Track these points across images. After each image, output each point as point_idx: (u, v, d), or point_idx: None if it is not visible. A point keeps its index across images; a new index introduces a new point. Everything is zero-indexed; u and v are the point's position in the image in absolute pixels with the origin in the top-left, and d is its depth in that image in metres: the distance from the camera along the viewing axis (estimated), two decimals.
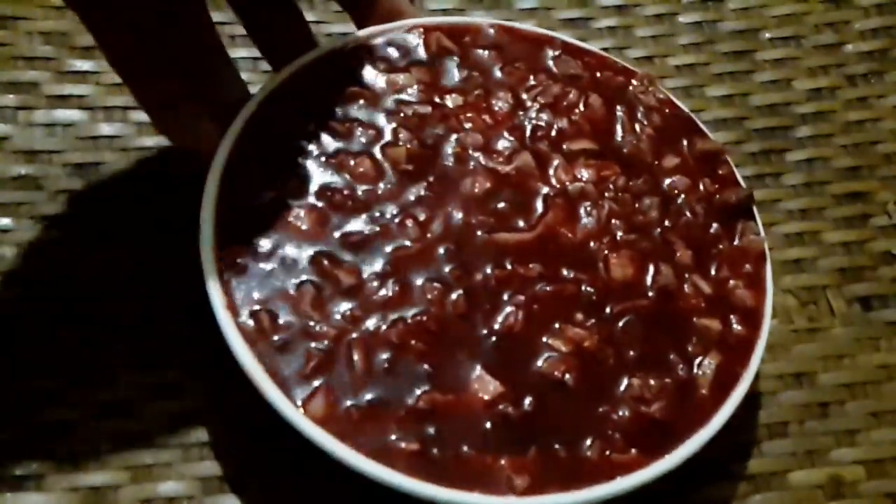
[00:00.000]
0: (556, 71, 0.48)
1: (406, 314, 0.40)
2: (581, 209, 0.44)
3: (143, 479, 0.40)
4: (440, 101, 0.46)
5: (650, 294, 0.42)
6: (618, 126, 0.47)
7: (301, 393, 0.38)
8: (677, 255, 0.44)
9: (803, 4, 0.57)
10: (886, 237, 0.50)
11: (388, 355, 0.39)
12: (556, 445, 0.39)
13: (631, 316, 0.42)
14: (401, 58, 0.47)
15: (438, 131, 0.45)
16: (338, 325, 0.39)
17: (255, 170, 0.42)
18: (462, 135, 0.45)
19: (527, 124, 0.46)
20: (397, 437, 0.38)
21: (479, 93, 0.46)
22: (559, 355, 0.40)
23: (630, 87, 0.48)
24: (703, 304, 0.43)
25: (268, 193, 0.42)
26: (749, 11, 0.56)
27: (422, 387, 0.39)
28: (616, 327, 0.41)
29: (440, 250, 0.42)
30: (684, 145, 0.47)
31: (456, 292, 0.41)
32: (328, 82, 0.45)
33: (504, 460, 0.38)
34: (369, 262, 0.41)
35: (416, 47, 0.47)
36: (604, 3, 0.56)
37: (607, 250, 0.43)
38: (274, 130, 0.43)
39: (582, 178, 0.45)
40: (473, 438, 0.38)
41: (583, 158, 0.45)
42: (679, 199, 0.45)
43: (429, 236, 0.42)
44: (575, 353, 0.40)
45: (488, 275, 0.41)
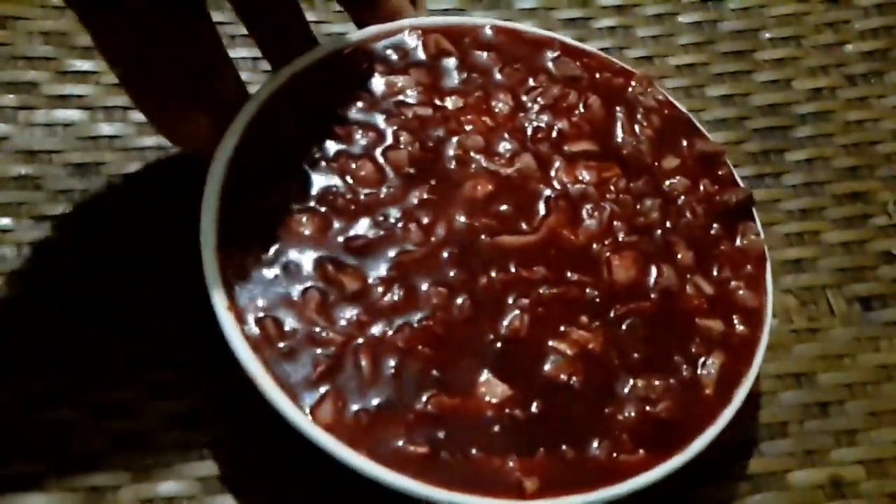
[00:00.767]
0: (555, 72, 0.48)
1: (412, 319, 0.40)
2: (583, 211, 0.44)
3: (143, 479, 0.40)
4: (440, 103, 0.46)
5: (653, 295, 0.43)
6: (617, 127, 0.47)
7: (309, 399, 0.38)
8: (679, 256, 0.44)
9: (803, 4, 0.57)
10: (886, 237, 0.50)
11: (395, 360, 0.39)
12: (564, 447, 0.39)
13: (634, 318, 0.42)
14: (400, 60, 0.46)
15: (439, 134, 0.45)
16: (344, 330, 0.40)
17: (255, 173, 0.42)
18: (463, 137, 0.45)
19: (527, 126, 0.46)
20: (406, 441, 0.38)
21: (479, 94, 0.46)
22: (565, 358, 0.41)
23: (629, 89, 0.48)
24: (705, 305, 0.43)
25: (269, 197, 0.42)
26: (749, 11, 0.57)
27: (429, 391, 0.39)
28: (620, 329, 0.42)
29: (444, 254, 0.42)
30: (684, 146, 0.47)
31: (461, 296, 0.41)
32: (327, 85, 0.45)
33: (512, 462, 0.38)
34: (374, 266, 0.41)
35: (414, 49, 0.47)
36: (604, 3, 0.56)
37: (609, 252, 0.43)
38: (274, 133, 0.43)
39: (583, 179, 0.45)
40: (482, 441, 0.38)
41: (583, 160, 0.46)
42: (680, 201, 0.45)
43: (433, 240, 0.42)
44: (580, 356, 0.41)
45: (493, 278, 0.42)
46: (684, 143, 0.47)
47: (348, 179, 0.43)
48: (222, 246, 0.40)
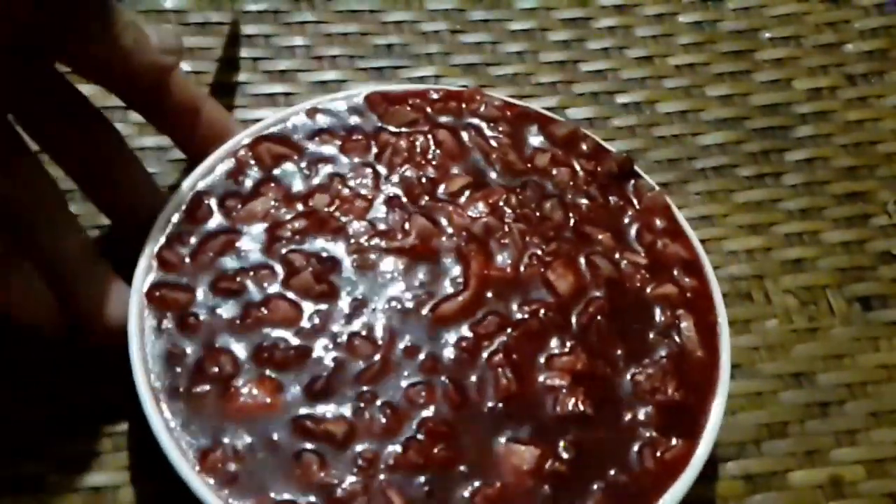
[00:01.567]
0: (391, 128, 0.47)
1: (411, 430, 0.39)
2: (494, 244, 0.43)
3: (144, 479, 0.40)
4: (306, 208, 0.44)
5: (599, 293, 0.43)
6: (476, 151, 0.46)
7: None
8: (599, 241, 0.44)
9: (803, 4, 0.57)
10: (886, 237, 0.50)
11: (422, 478, 0.38)
12: (613, 472, 0.39)
13: (596, 319, 0.42)
14: (242, 185, 0.44)
15: (325, 239, 0.43)
16: (359, 476, 0.37)
17: (173, 364, 0.39)
18: (348, 230, 0.43)
19: (398, 190, 0.45)
20: None
21: (337, 182, 0.45)
22: (564, 390, 0.40)
23: (463, 109, 0.48)
24: (647, 276, 0.43)
25: (207, 390, 0.39)
26: (749, 11, 0.57)
27: (468, 488, 0.38)
28: (592, 336, 0.41)
29: (398, 352, 0.40)
30: (541, 138, 0.47)
31: (440, 384, 0.40)
32: (192, 244, 0.42)
33: None
34: (345, 400, 0.39)
35: (252, 167, 0.44)
36: (604, 3, 0.56)
37: (542, 268, 0.43)
38: (165, 316, 0.40)
39: (478, 215, 0.44)
40: None
41: (467, 195, 0.45)
42: (570, 191, 0.46)
43: (380, 344, 0.40)
44: (575, 381, 0.40)
45: (455, 349, 0.40)
46: (542, 135, 0.47)
47: (269, 330, 0.40)
48: (192, 458, 0.37)
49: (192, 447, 0.37)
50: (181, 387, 0.38)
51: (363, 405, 0.39)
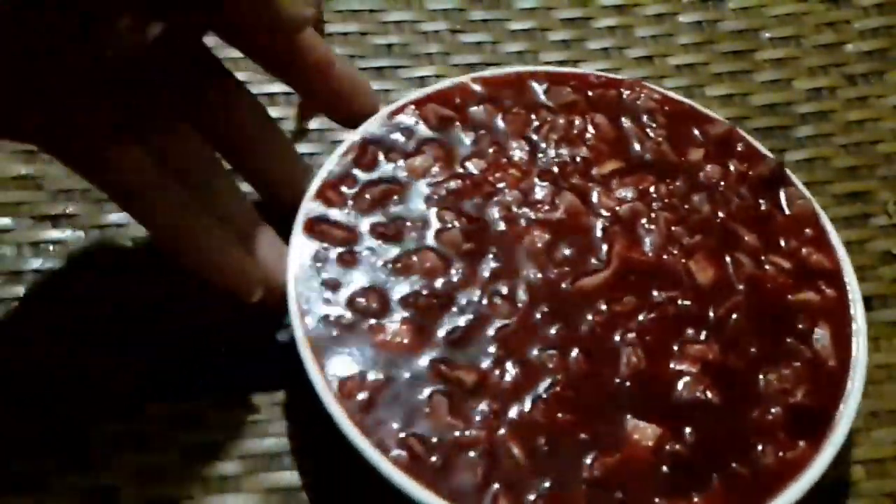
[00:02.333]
0: (551, 104, 0.48)
1: (539, 391, 0.40)
2: (640, 229, 0.44)
3: (144, 479, 0.40)
4: (463, 170, 0.46)
5: (740, 287, 0.43)
6: (631, 137, 0.47)
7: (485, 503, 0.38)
8: (745, 240, 0.45)
9: (803, 4, 0.57)
10: (886, 237, 0.50)
11: (543, 438, 0.39)
12: (734, 465, 0.39)
13: (735, 314, 0.43)
14: (408, 141, 0.46)
15: (478, 201, 0.45)
16: (484, 425, 0.39)
17: (328, 302, 0.41)
18: (500, 196, 0.45)
19: (552, 165, 0.46)
20: None
21: (494, 150, 0.46)
22: (692, 377, 0.41)
23: (624, 97, 0.49)
24: (790, 280, 0.44)
25: (354, 319, 0.41)
26: (749, 11, 0.57)
27: (588, 455, 0.39)
28: (727, 331, 0.42)
29: (537, 316, 0.42)
30: (698, 135, 0.48)
31: (572, 352, 0.41)
32: (354, 188, 0.45)
33: (697, 499, 0.38)
34: (480, 352, 0.41)
35: (417, 125, 0.47)
36: (604, 3, 0.56)
37: (683, 259, 0.44)
38: (325, 252, 0.43)
39: (626, 198, 0.45)
40: (659, 487, 0.38)
41: (617, 179, 0.46)
42: (721, 187, 0.46)
43: (520, 306, 0.42)
44: (705, 369, 0.41)
45: (591, 323, 0.42)
46: (697, 131, 0.48)
47: (418, 276, 0.42)
48: (330, 381, 0.39)
49: (333, 374, 0.39)
50: (331, 315, 0.41)
51: (496, 360, 0.40)
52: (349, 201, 0.44)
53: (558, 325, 0.42)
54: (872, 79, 0.56)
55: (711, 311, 0.42)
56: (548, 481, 0.38)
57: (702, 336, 0.42)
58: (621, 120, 0.48)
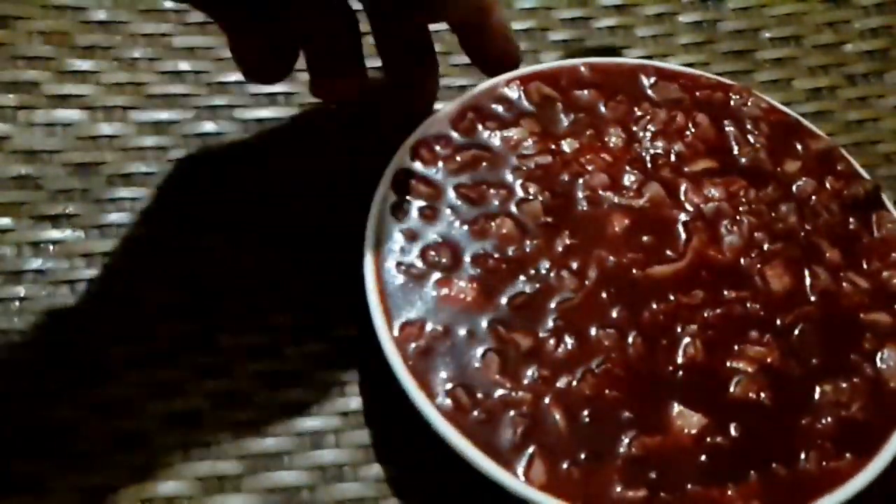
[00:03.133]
0: (656, 98, 0.49)
1: (591, 365, 0.41)
2: (722, 228, 0.45)
3: (144, 479, 0.40)
4: (556, 148, 0.47)
5: (813, 299, 0.44)
6: (731, 141, 0.48)
7: (519, 462, 0.39)
8: (826, 255, 0.45)
9: (803, 4, 0.57)
10: None
11: (587, 409, 0.40)
12: (774, 465, 0.40)
13: (802, 324, 0.43)
14: (507, 112, 0.48)
15: (564, 178, 0.46)
16: (531, 388, 0.40)
17: (402, 249, 0.43)
18: (587, 177, 0.46)
19: (645, 155, 0.47)
20: (624, 487, 0.39)
21: (590, 133, 0.47)
22: (747, 376, 0.41)
23: (731, 101, 0.49)
24: (865, 300, 0.44)
25: (424, 270, 0.43)
26: (749, 11, 0.57)
27: (629, 433, 0.40)
28: (792, 338, 0.43)
29: (602, 295, 0.43)
30: (799, 148, 0.48)
31: (631, 334, 0.42)
32: (447, 149, 0.46)
33: (731, 491, 0.39)
34: (540, 320, 0.42)
35: (519, 99, 0.48)
36: (604, 3, 0.56)
37: (760, 264, 0.44)
38: (408, 204, 0.44)
39: (713, 197, 0.46)
40: (694, 474, 0.39)
41: (707, 178, 0.47)
42: (812, 201, 0.47)
43: (587, 283, 0.43)
44: (762, 371, 0.41)
45: (655, 311, 0.42)
46: (798, 145, 0.48)
47: (492, 240, 0.44)
48: (390, 319, 0.41)
49: (396, 316, 0.41)
50: (404, 263, 0.43)
51: (554, 330, 0.42)
52: (440, 161, 0.46)
53: (622, 307, 0.42)
54: (872, 79, 0.55)
55: (779, 318, 0.43)
56: (584, 451, 0.39)
57: (765, 339, 0.42)
58: (724, 123, 0.48)
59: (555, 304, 0.42)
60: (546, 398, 0.40)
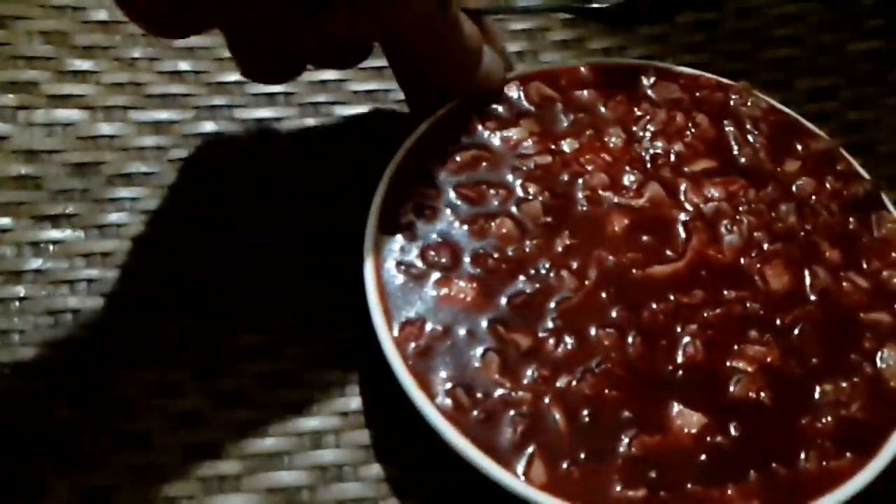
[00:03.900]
0: (656, 98, 0.49)
1: (591, 365, 0.41)
2: (721, 228, 0.45)
3: (144, 479, 0.40)
4: (556, 148, 0.47)
5: (812, 298, 0.44)
6: (731, 140, 0.48)
7: (519, 462, 0.39)
8: (826, 255, 0.45)
9: (804, 4, 0.57)
10: None
11: (587, 409, 0.40)
12: (774, 465, 0.40)
13: (802, 323, 0.43)
14: (507, 112, 0.48)
15: (564, 178, 0.46)
16: (531, 388, 0.40)
17: (402, 249, 0.43)
18: (587, 177, 0.46)
19: (644, 155, 0.47)
20: (623, 486, 0.39)
21: (590, 133, 0.48)
22: (747, 376, 0.41)
23: (731, 101, 0.50)
24: (865, 299, 0.44)
25: (424, 270, 0.43)
26: (749, 11, 0.57)
27: (629, 433, 0.40)
28: (792, 338, 0.43)
29: (602, 295, 0.43)
30: (799, 148, 0.48)
31: (630, 334, 0.42)
32: (446, 149, 0.46)
33: (731, 490, 0.39)
34: (539, 320, 0.42)
35: (518, 100, 0.48)
36: None
37: (759, 263, 0.44)
38: (406, 204, 0.44)
39: (713, 196, 0.46)
40: (694, 474, 0.39)
41: (707, 178, 0.47)
42: (811, 201, 0.47)
43: (587, 283, 0.43)
44: (762, 371, 0.42)
45: (654, 310, 0.43)
46: (798, 145, 0.49)
47: (492, 240, 0.44)
48: (389, 319, 0.41)
49: (396, 316, 0.41)
50: (404, 263, 0.43)
51: (553, 330, 0.42)
52: (439, 160, 0.46)
53: (622, 306, 0.42)
54: (872, 79, 0.56)
55: (779, 317, 0.43)
56: (583, 450, 0.39)
57: (764, 339, 0.42)
58: (724, 123, 0.49)
59: (554, 303, 0.42)
60: (546, 398, 0.40)
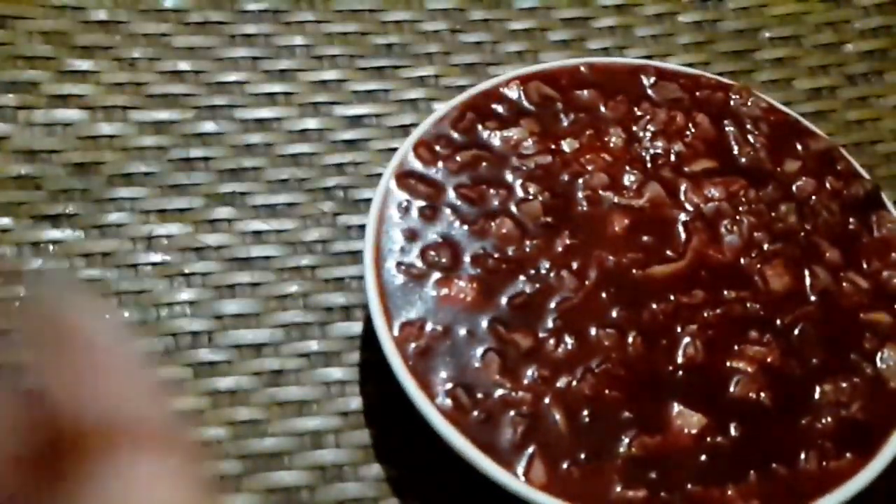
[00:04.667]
0: (656, 98, 0.49)
1: (591, 365, 0.41)
2: (722, 228, 0.45)
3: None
4: (556, 148, 0.47)
5: (813, 298, 0.44)
6: (731, 141, 0.48)
7: (519, 462, 0.39)
8: (826, 255, 0.45)
9: (803, 4, 0.58)
10: None
11: (587, 409, 0.40)
12: (774, 465, 0.40)
13: (802, 324, 0.43)
14: (507, 112, 0.48)
15: (564, 178, 0.46)
16: (531, 388, 0.40)
17: (402, 249, 0.43)
18: (587, 177, 0.46)
19: (644, 155, 0.47)
20: (623, 487, 0.39)
21: (590, 132, 0.48)
22: (748, 376, 0.41)
23: (731, 102, 0.49)
24: (865, 300, 0.44)
25: (424, 270, 0.43)
26: (749, 11, 0.57)
27: (629, 433, 0.40)
28: (792, 338, 0.43)
29: (602, 295, 0.43)
30: (799, 148, 0.48)
31: (630, 334, 0.42)
32: (447, 149, 0.46)
33: (731, 491, 0.39)
34: (540, 320, 0.42)
35: (518, 99, 0.48)
36: (604, 3, 0.56)
37: (759, 263, 0.44)
38: (409, 207, 0.44)
39: (713, 196, 0.46)
40: (694, 474, 0.39)
41: (707, 178, 0.47)
42: (811, 201, 0.47)
43: (587, 283, 0.43)
44: (762, 371, 0.42)
45: (655, 310, 0.43)
46: (798, 145, 0.49)
47: (492, 240, 0.44)
48: (390, 321, 0.41)
49: (396, 316, 0.41)
50: (404, 263, 0.43)
51: (554, 330, 0.42)
52: (440, 161, 0.46)
53: (622, 307, 0.42)
54: (872, 78, 0.55)
55: (779, 318, 0.43)
56: (583, 450, 0.39)
57: (764, 339, 0.42)
58: (724, 123, 0.48)
59: (555, 303, 0.42)
60: (546, 398, 0.40)
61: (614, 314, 0.42)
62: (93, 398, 0.27)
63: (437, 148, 0.46)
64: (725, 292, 0.43)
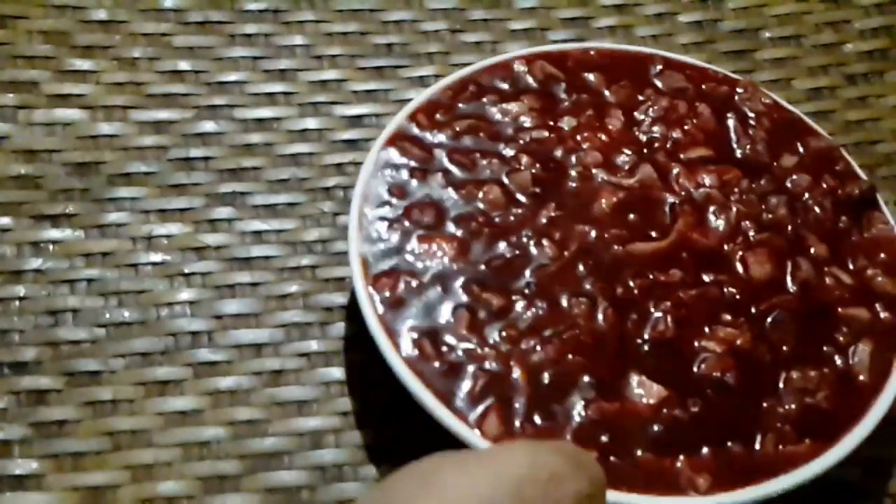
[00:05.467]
0: (661, 86, 0.51)
1: (558, 330, 0.43)
2: (710, 214, 0.47)
3: (143, 478, 0.40)
4: (555, 125, 0.49)
5: (792, 289, 0.45)
6: (731, 133, 0.50)
7: (474, 414, 0.41)
8: (812, 249, 0.47)
9: (803, 4, 0.58)
10: None
11: (549, 371, 0.42)
12: (730, 443, 0.41)
13: (778, 312, 0.44)
14: (510, 87, 0.50)
15: (558, 153, 0.48)
16: (497, 346, 0.42)
17: (389, 204, 0.45)
18: (581, 154, 0.48)
19: (642, 138, 0.49)
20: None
21: (590, 113, 0.50)
22: (715, 356, 0.43)
23: (735, 96, 0.51)
24: (846, 295, 0.46)
25: (407, 226, 0.45)
26: (749, 11, 0.58)
27: (587, 397, 0.41)
28: (766, 324, 0.44)
29: (580, 266, 0.45)
30: (798, 145, 0.50)
31: (602, 305, 0.43)
32: (445, 116, 0.48)
33: (681, 462, 0.41)
34: (514, 284, 0.44)
35: (523, 76, 0.50)
36: (604, 3, 0.57)
37: (742, 251, 0.46)
38: (400, 166, 0.46)
39: (705, 183, 0.48)
40: (647, 442, 0.41)
41: (702, 165, 0.49)
42: (805, 197, 0.48)
43: (566, 254, 0.45)
44: (730, 353, 0.43)
45: (630, 285, 0.44)
46: (798, 142, 0.50)
47: (479, 204, 0.46)
48: (367, 269, 0.43)
49: (374, 265, 0.43)
50: (386, 216, 0.45)
51: (527, 294, 0.44)
52: (437, 127, 0.48)
53: (597, 279, 0.44)
54: (872, 79, 0.56)
55: (755, 304, 0.44)
56: (541, 411, 0.41)
57: (738, 322, 0.44)
58: (726, 115, 0.50)
59: (531, 270, 0.44)
60: (510, 358, 0.42)
61: (588, 286, 0.44)
62: None
63: (437, 116, 0.48)
64: (704, 275, 0.45)
